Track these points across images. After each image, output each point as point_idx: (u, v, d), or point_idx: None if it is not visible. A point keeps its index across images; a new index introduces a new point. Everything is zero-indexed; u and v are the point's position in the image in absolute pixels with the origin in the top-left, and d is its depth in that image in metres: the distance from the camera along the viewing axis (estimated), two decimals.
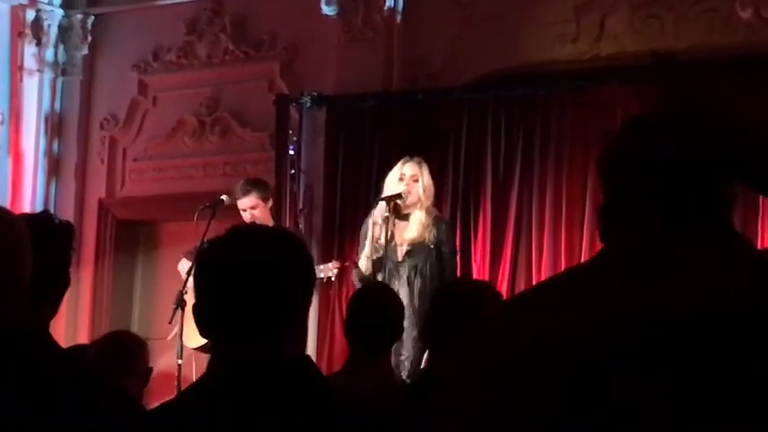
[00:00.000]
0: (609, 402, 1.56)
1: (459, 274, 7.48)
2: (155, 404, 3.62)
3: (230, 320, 2.22)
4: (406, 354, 6.69)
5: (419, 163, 7.14)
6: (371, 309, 4.51)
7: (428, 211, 7.03)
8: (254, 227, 2.45)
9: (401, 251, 6.92)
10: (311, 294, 2.33)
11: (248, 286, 2.21)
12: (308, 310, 2.35)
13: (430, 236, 6.92)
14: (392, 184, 7.10)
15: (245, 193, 7.75)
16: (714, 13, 8.07)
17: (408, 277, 6.82)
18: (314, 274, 2.36)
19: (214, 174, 9.76)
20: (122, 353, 3.98)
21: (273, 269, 2.23)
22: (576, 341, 1.61)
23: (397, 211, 7.04)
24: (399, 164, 7.26)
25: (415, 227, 6.92)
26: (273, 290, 2.21)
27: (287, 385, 2.19)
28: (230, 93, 9.83)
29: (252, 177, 8.26)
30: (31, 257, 2.39)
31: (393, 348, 6.50)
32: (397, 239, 6.95)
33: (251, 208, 7.70)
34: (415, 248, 6.87)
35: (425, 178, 7.11)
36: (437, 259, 6.93)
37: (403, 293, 6.74)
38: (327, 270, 7.51)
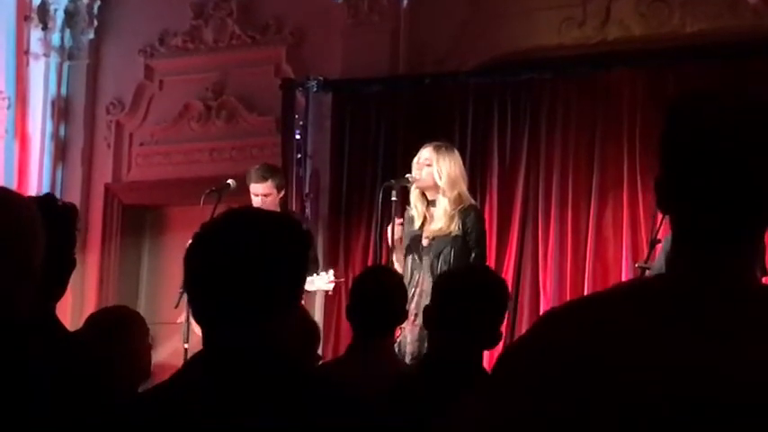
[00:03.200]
0: None
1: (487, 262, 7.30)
2: None
3: (215, 305, 2.20)
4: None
5: (437, 148, 6.81)
6: (373, 293, 4.51)
7: (455, 201, 6.73)
8: (247, 210, 2.39)
9: (426, 239, 6.80)
10: (303, 278, 2.30)
11: (232, 271, 2.18)
12: (299, 293, 2.30)
13: (455, 227, 6.74)
14: (412, 167, 6.95)
15: (262, 179, 7.60)
16: None
17: (432, 265, 6.70)
18: (306, 257, 2.30)
19: (220, 158, 9.76)
20: (109, 327, 3.96)
21: (260, 253, 2.20)
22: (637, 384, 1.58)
23: (426, 198, 6.87)
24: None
25: (439, 218, 6.75)
26: (259, 275, 2.18)
27: (275, 373, 2.17)
28: (237, 77, 9.82)
29: (271, 164, 8.14)
30: (43, 241, 2.40)
31: (417, 337, 6.53)
32: (426, 226, 6.82)
33: (264, 195, 7.59)
34: (439, 238, 6.75)
35: (443, 164, 6.74)
36: (463, 247, 6.76)
37: (427, 281, 6.68)
38: (321, 283, 7.26)
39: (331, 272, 7.41)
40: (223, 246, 2.21)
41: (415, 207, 6.84)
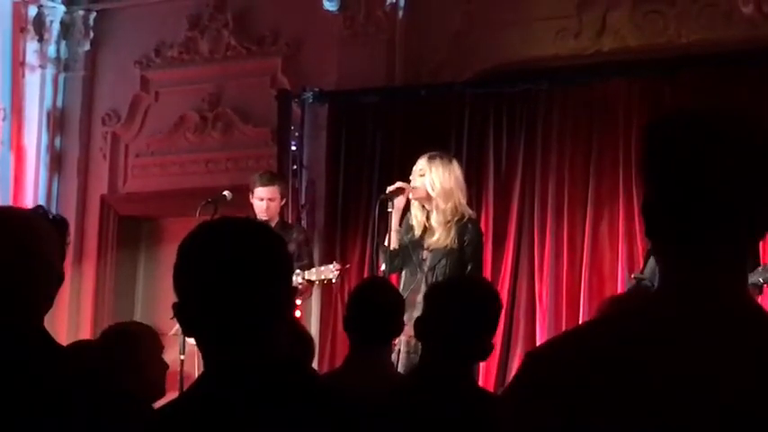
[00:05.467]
0: None
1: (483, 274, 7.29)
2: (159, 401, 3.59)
3: (217, 320, 2.14)
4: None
5: (431, 158, 6.77)
6: (370, 304, 4.51)
7: (450, 212, 6.68)
8: (228, 220, 2.33)
9: (425, 251, 6.77)
10: (291, 281, 2.27)
11: (234, 284, 2.13)
12: (292, 305, 2.27)
13: (451, 240, 6.71)
14: (411, 178, 6.92)
15: (270, 182, 7.70)
16: (715, 8, 8.07)
17: (427, 277, 6.69)
18: (292, 266, 2.28)
19: (216, 169, 9.76)
20: (116, 339, 3.96)
21: (258, 266, 2.15)
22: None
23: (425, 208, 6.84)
24: None
25: (435, 230, 6.72)
26: (259, 287, 2.14)
27: (284, 387, 2.14)
28: (232, 88, 9.83)
29: (275, 172, 8.28)
30: (49, 257, 2.41)
31: (410, 348, 6.52)
32: (426, 238, 6.79)
33: (269, 199, 7.66)
34: (436, 250, 6.72)
35: (436, 175, 6.71)
36: (459, 260, 6.74)
37: (422, 292, 6.65)
38: (328, 272, 7.29)
39: (335, 263, 7.44)
40: (215, 261, 2.15)
41: (415, 217, 6.83)
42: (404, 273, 6.84)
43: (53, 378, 2.32)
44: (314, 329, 8.58)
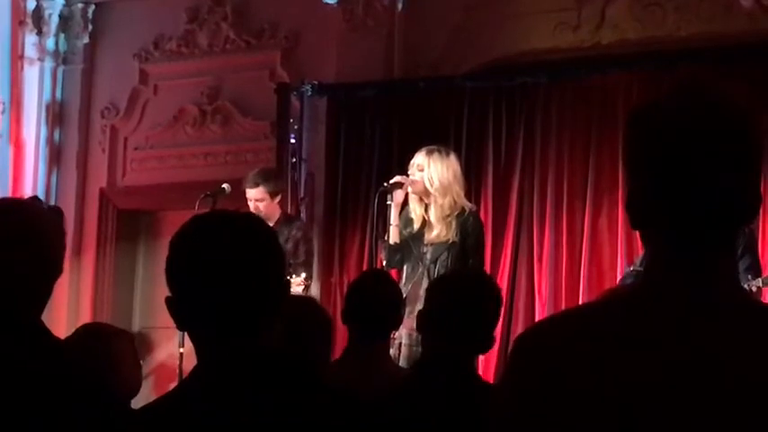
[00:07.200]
0: None
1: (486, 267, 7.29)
2: (157, 393, 3.60)
3: (209, 315, 2.14)
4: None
5: (429, 152, 6.76)
6: (369, 296, 4.51)
7: (449, 207, 6.68)
8: (218, 214, 2.32)
9: (426, 245, 6.76)
10: (284, 280, 2.26)
11: (225, 279, 2.12)
12: (285, 298, 2.25)
13: (452, 234, 6.70)
14: (409, 172, 6.90)
15: (254, 185, 7.66)
16: (715, 1, 8.07)
17: (429, 270, 6.68)
18: (285, 259, 2.26)
19: (215, 162, 9.76)
20: (89, 337, 3.95)
21: (249, 260, 2.14)
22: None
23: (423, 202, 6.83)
24: None
25: (435, 225, 6.71)
26: (250, 281, 2.13)
27: (278, 382, 2.13)
28: (231, 81, 9.82)
29: (266, 169, 8.16)
30: (51, 247, 2.40)
31: (412, 341, 6.52)
32: (426, 232, 6.78)
33: (256, 200, 7.65)
34: (437, 244, 6.72)
35: (434, 170, 6.69)
36: (460, 253, 6.74)
37: (423, 285, 6.66)
38: (296, 284, 7.14)
39: (303, 275, 7.39)
40: (206, 255, 2.15)
41: (414, 211, 6.83)
42: (405, 266, 6.84)
43: (53, 375, 2.32)
44: None
